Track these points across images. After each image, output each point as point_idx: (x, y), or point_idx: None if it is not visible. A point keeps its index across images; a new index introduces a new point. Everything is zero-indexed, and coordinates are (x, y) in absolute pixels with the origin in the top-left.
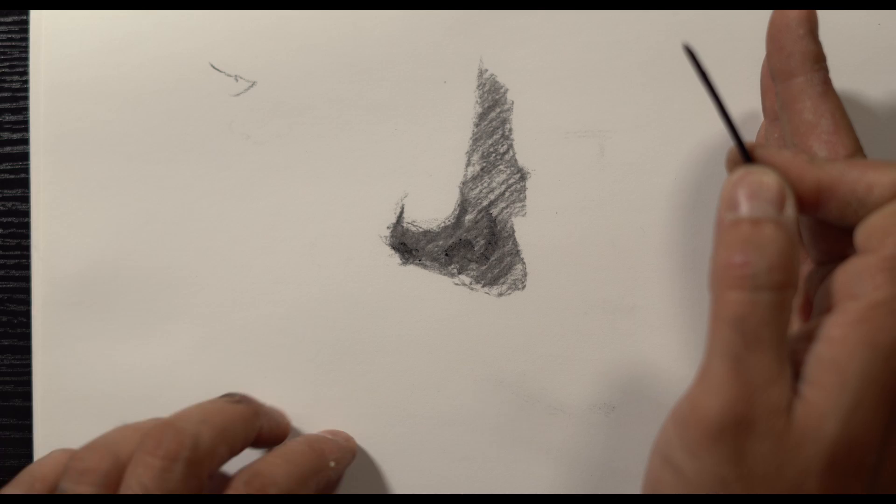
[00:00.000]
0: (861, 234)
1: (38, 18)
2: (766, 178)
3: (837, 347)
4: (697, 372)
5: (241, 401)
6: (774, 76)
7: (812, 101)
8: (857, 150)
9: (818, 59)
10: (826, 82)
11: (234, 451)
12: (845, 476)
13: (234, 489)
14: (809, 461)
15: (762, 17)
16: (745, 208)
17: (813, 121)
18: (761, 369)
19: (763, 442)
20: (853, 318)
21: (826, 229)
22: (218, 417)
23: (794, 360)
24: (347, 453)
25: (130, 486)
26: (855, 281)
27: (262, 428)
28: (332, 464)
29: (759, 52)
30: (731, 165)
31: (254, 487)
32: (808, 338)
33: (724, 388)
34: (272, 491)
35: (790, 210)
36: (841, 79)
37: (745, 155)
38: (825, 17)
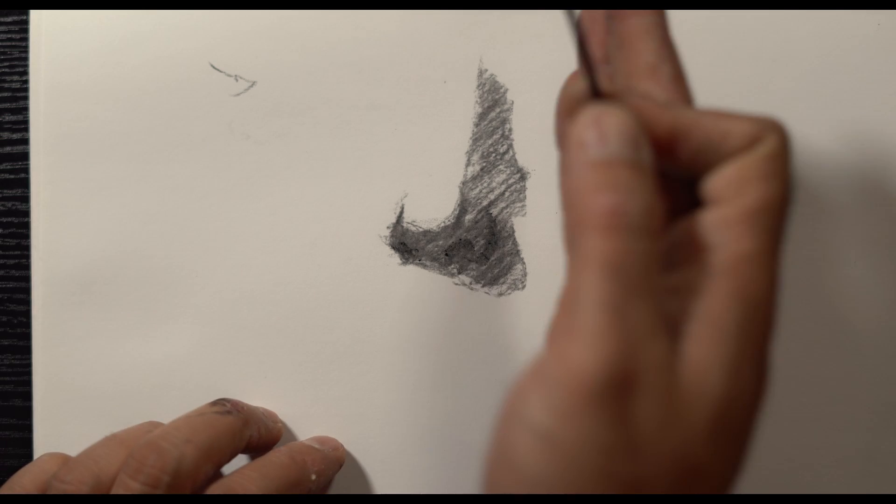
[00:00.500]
0: (713, 185)
1: (38, 18)
2: (625, 118)
3: (712, 301)
4: (556, 325)
5: (231, 410)
6: (614, 12)
7: (655, 44)
8: (692, 103)
9: None
10: (667, 27)
11: (221, 465)
12: (730, 436)
13: None
14: (696, 420)
15: (762, 16)
16: (606, 148)
17: (655, 64)
18: (643, 321)
19: (648, 401)
20: (722, 271)
21: (666, 180)
22: (204, 434)
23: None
24: (333, 464)
25: None
26: (713, 233)
27: (251, 436)
28: (314, 476)
29: (758, 51)
30: (573, 102)
31: None
32: (673, 290)
33: (603, 342)
34: None
35: (647, 153)
36: (841, 79)
37: (593, 91)
38: (826, 17)
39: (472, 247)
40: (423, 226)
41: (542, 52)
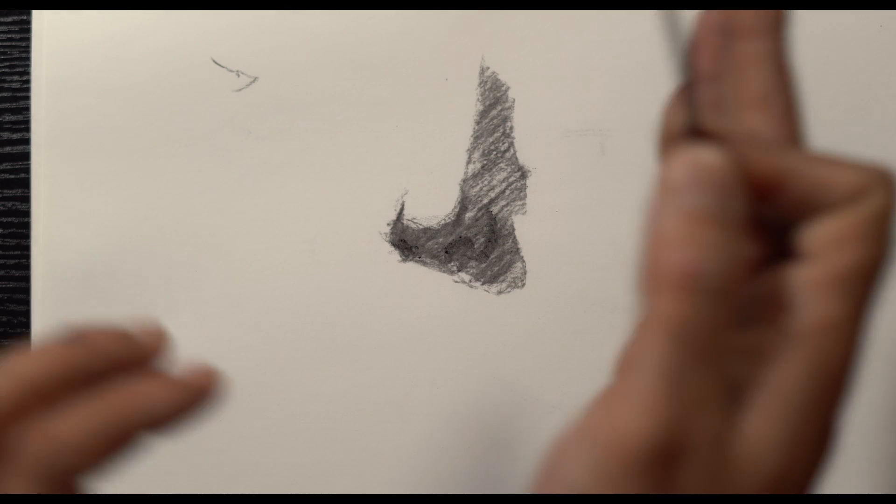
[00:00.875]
0: (808, 238)
1: (41, 12)
2: (718, 161)
3: (784, 373)
4: (613, 383)
5: (73, 339)
6: (731, 30)
7: (770, 72)
8: (803, 139)
9: (782, 22)
10: (786, 51)
11: (54, 399)
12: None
13: None
14: (743, 490)
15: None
16: (695, 198)
17: (767, 94)
18: (702, 390)
19: (696, 472)
20: (800, 339)
21: (762, 224)
22: (23, 367)
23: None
24: (170, 391)
25: None
26: (799, 292)
27: (99, 364)
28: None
29: None
30: (670, 136)
31: None
32: (744, 352)
33: (657, 409)
34: None
35: (740, 202)
36: (842, 80)
37: (692, 128)
38: (827, 17)
39: (472, 244)
40: (424, 223)
41: (543, 50)
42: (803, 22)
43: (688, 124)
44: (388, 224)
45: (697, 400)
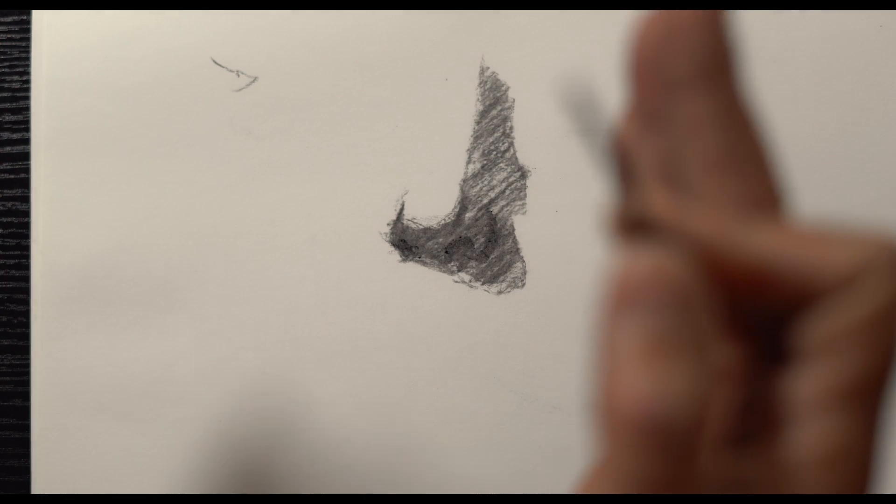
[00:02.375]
0: (804, 336)
1: (41, 12)
2: (679, 270)
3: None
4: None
5: None
6: (667, 81)
7: (726, 129)
8: (782, 199)
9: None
10: (742, 98)
11: None
12: None
13: None
14: None
15: (762, 16)
16: (650, 314)
17: (725, 156)
18: None
19: None
20: (802, 473)
21: (745, 320)
22: None
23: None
24: None
25: None
26: (797, 408)
27: None
28: None
29: (758, 51)
30: (617, 227)
31: None
32: (731, 483)
33: None
34: None
35: (709, 314)
36: (842, 80)
37: (638, 219)
38: (827, 17)
39: (472, 244)
40: (424, 223)
41: (543, 50)
42: (803, 22)
43: (635, 215)
44: (388, 224)
45: None
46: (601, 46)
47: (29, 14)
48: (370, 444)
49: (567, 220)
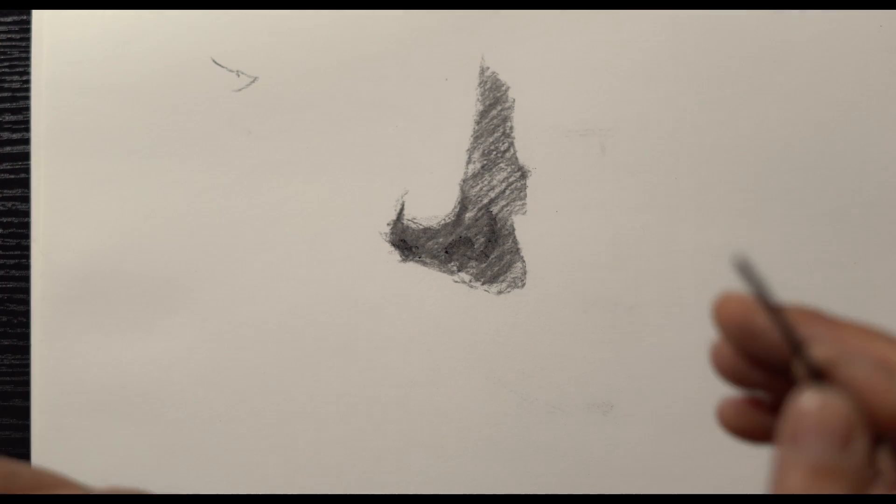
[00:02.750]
0: None
1: (41, 12)
2: (843, 409)
3: None
4: None
5: None
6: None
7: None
8: None
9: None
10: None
11: None
12: None
13: None
14: None
15: (762, 16)
16: (816, 447)
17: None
18: None
19: None
20: None
21: None
22: None
23: None
24: None
25: None
26: None
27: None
28: None
29: (758, 51)
30: (800, 375)
31: None
32: None
33: None
34: None
35: (867, 449)
36: (842, 80)
37: (808, 367)
38: (827, 17)
39: (472, 244)
40: (424, 223)
41: (543, 50)
42: (803, 22)
43: (806, 365)
44: (388, 224)
45: None
46: (601, 46)
47: (29, 14)
48: (370, 445)
49: (567, 220)
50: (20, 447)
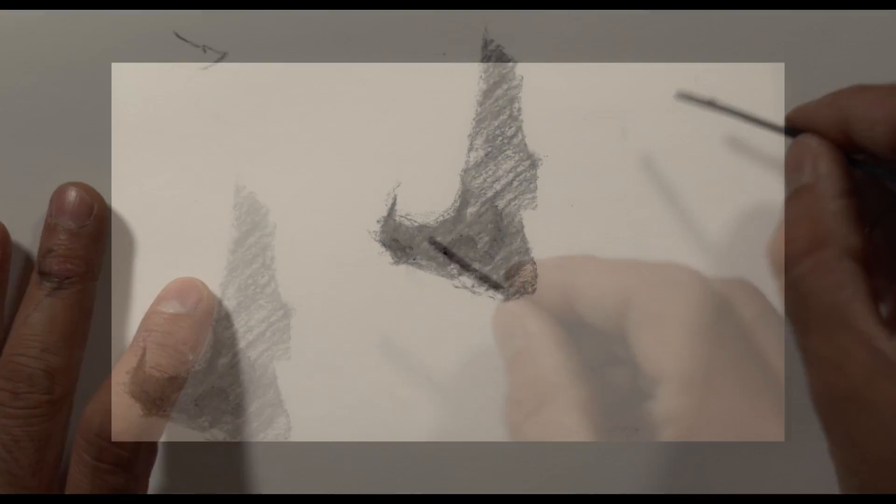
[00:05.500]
0: None
1: None
2: (802, 143)
3: None
4: None
5: (61, 284)
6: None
7: None
8: None
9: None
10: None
11: (85, 340)
12: None
13: None
14: None
15: (763, 16)
16: (788, 181)
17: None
18: None
19: None
20: None
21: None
22: (55, 333)
23: None
24: (203, 326)
25: None
26: None
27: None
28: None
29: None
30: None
31: None
32: None
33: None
34: None
35: (823, 166)
36: (842, 80)
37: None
38: (827, 17)
39: (475, 244)
40: (419, 220)
41: (555, 20)
42: (803, 22)
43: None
44: (377, 221)
45: None
46: (624, 16)
47: None
48: (370, 444)
49: (584, 215)
50: None
